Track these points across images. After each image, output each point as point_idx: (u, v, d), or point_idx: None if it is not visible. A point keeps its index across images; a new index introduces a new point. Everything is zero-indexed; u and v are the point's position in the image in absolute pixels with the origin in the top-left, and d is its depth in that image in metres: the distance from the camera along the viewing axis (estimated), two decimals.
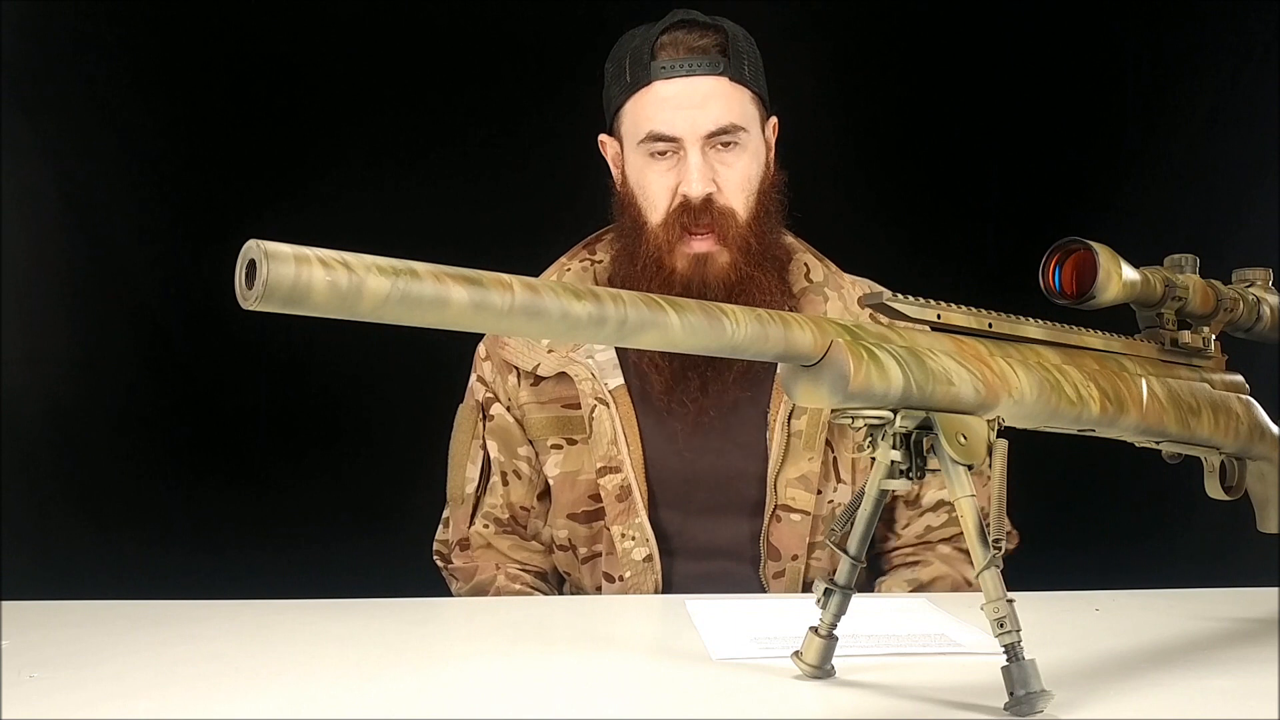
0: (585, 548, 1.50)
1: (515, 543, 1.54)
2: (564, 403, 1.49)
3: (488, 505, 1.53)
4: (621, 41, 1.49)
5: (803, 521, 1.44)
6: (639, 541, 1.44)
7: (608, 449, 1.45)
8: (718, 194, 1.42)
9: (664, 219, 1.44)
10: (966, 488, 0.82)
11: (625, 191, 1.49)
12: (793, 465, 1.45)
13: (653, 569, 1.45)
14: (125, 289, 2.27)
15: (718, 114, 1.41)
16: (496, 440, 1.53)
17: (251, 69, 2.27)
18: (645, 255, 1.45)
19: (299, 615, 1.23)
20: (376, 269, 0.60)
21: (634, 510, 1.44)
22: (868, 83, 2.31)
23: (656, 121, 1.42)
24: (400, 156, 2.30)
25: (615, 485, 1.45)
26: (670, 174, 1.43)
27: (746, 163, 1.45)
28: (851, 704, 0.87)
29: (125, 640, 1.10)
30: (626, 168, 1.49)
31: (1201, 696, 0.89)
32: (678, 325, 0.71)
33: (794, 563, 1.45)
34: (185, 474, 2.26)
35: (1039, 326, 0.95)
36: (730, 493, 1.48)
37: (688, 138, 1.41)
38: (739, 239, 1.44)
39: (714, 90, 1.41)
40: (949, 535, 1.51)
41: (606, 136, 1.53)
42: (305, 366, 2.22)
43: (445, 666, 1.01)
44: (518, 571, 1.52)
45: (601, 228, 1.59)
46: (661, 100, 1.42)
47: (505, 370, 1.53)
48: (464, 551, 1.54)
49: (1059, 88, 2.33)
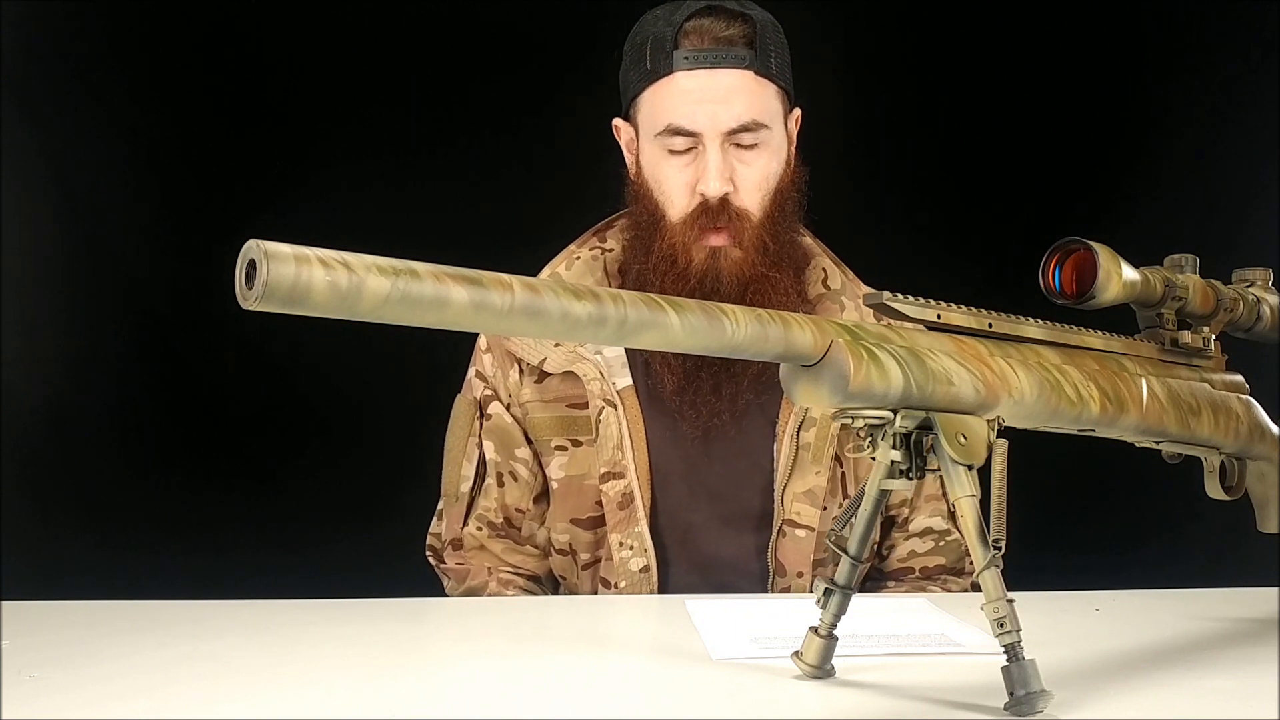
0: (587, 553, 1.46)
1: (509, 546, 1.51)
2: (569, 402, 1.45)
3: (481, 508, 1.50)
4: (642, 22, 1.42)
5: (808, 538, 1.41)
6: (637, 551, 1.41)
7: (613, 454, 1.41)
8: (734, 194, 1.38)
9: (683, 218, 1.39)
10: (967, 488, 0.82)
11: (639, 181, 1.44)
12: (799, 479, 1.41)
13: (649, 580, 1.42)
14: (125, 289, 2.27)
15: (740, 110, 1.36)
16: (493, 440, 1.49)
17: (252, 69, 2.27)
18: (661, 250, 1.40)
19: (298, 615, 1.23)
20: (376, 269, 0.60)
21: (634, 519, 1.41)
22: (867, 82, 2.31)
23: (676, 115, 1.36)
24: (401, 156, 2.30)
25: (618, 492, 1.41)
26: (688, 170, 1.38)
27: (766, 161, 1.40)
28: (851, 704, 0.87)
29: (125, 640, 1.10)
30: (641, 157, 1.44)
31: (1201, 696, 0.89)
32: (678, 325, 0.71)
33: (799, 580, 1.42)
34: (185, 474, 2.26)
35: (1039, 326, 0.95)
36: (736, 504, 1.45)
37: (708, 133, 1.36)
38: (754, 239, 1.39)
39: (738, 85, 1.36)
40: (931, 566, 1.50)
41: (621, 121, 1.48)
42: (305, 366, 2.21)
43: (445, 667, 1.01)
44: (510, 576, 1.50)
45: (610, 214, 1.55)
46: (683, 93, 1.36)
47: (507, 364, 1.48)
48: (457, 551, 1.52)
49: (1059, 88, 2.33)
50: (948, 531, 1.50)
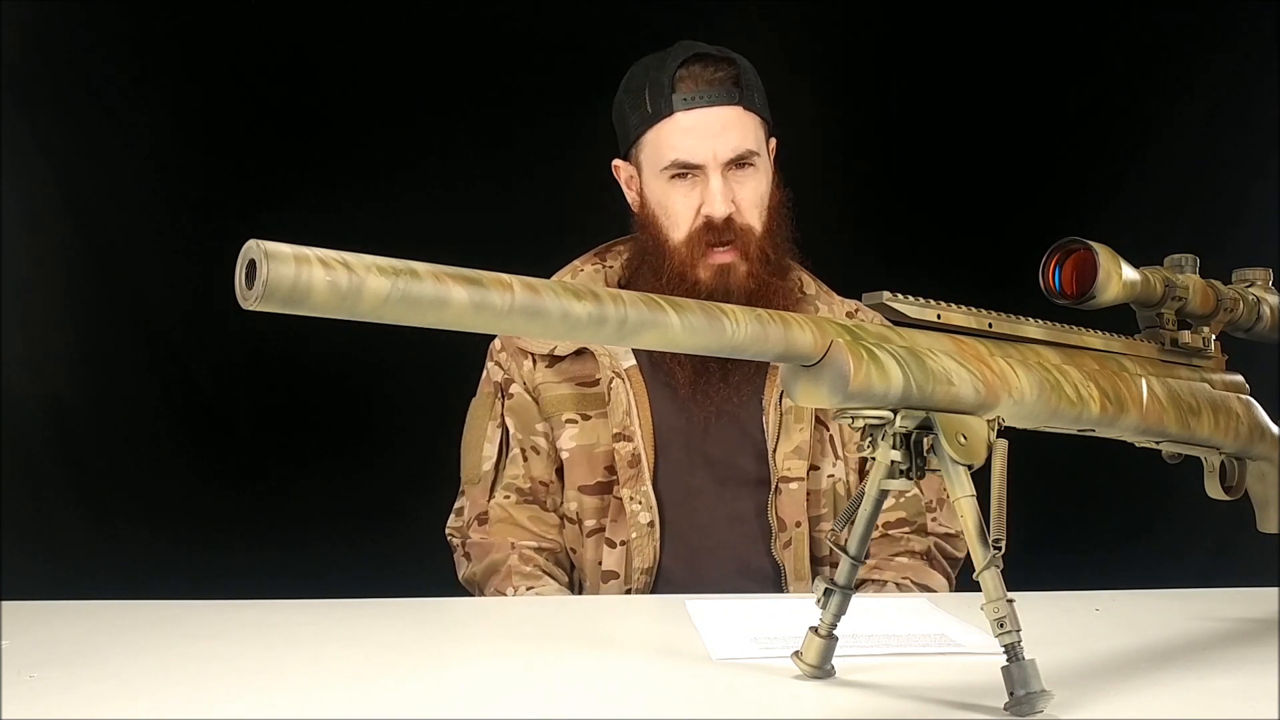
0: (593, 520, 1.56)
1: (534, 514, 1.58)
2: (580, 380, 1.58)
3: (509, 477, 1.59)
4: (633, 73, 1.57)
5: (799, 488, 1.53)
6: (644, 507, 1.53)
7: (622, 419, 1.55)
8: (736, 214, 1.52)
9: (687, 236, 1.53)
10: (967, 488, 0.82)
11: (646, 214, 1.58)
12: (787, 439, 1.55)
13: (653, 535, 1.53)
14: (125, 289, 2.27)
15: (736, 141, 1.51)
16: (515, 418, 1.60)
17: (252, 69, 2.28)
18: (670, 270, 1.54)
19: (299, 615, 1.23)
20: (376, 269, 0.60)
21: (641, 478, 1.54)
22: (867, 82, 2.31)
23: (680, 150, 1.51)
24: (400, 158, 2.30)
25: (628, 452, 1.54)
26: (693, 195, 1.53)
27: (759, 182, 1.55)
28: (851, 704, 0.87)
29: (125, 640, 1.10)
30: (646, 191, 1.57)
31: (1201, 696, 0.89)
32: (678, 325, 0.71)
33: (798, 529, 1.52)
34: (185, 474, 2.26)
35: (1039, 326, 0.95)
36: (731, 469, 1.56)
37: (709, 164, 1.51)
38: (758, 251, 1.54)
39: (731, 119, 1.51)
40: (893, 520, 1.57)
41: (620, 161, 1.61)
42: (306, 367, 2.21)
43: (446, 667, 1.01)
44: (531, 552, 1.55)
45: (614, 238, 1.66)
46: (684, 130, 1.51)
47: (520, 356, 1.60)
48: (482, 526, 1.57)
49: (1059, 87, 2.33)
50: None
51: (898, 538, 1.57)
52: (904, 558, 1.56)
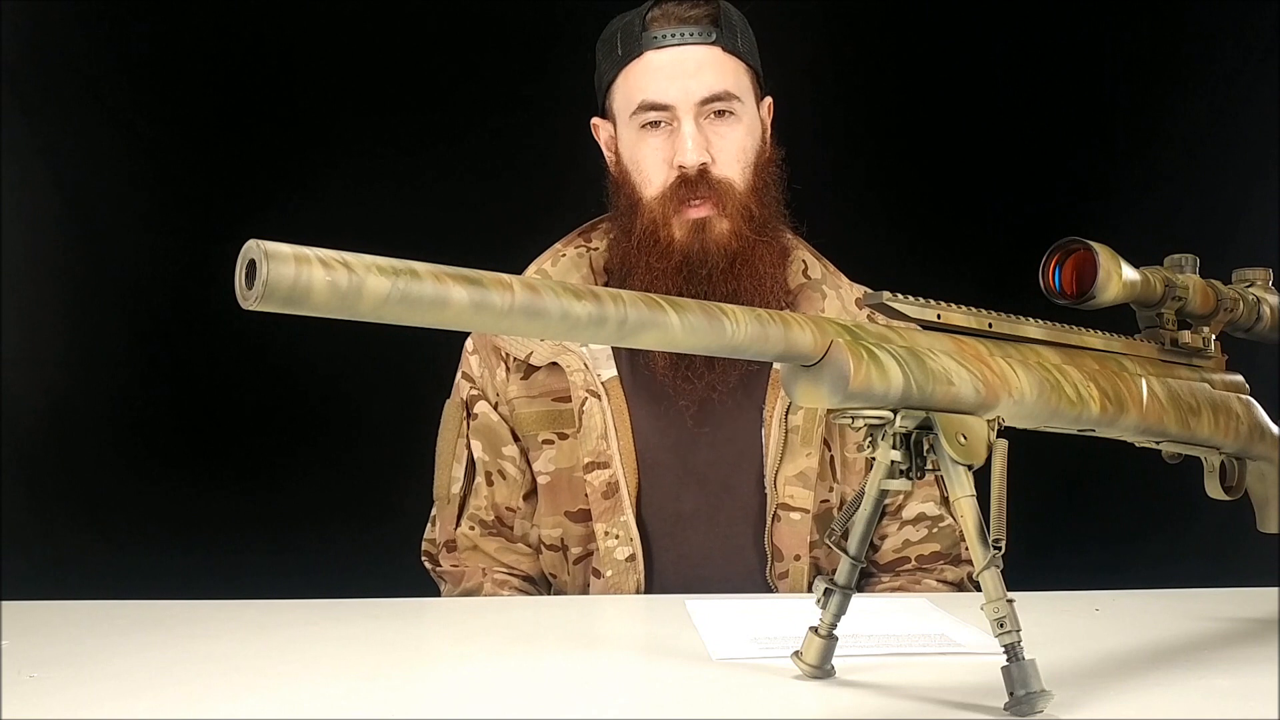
0: (579, 547, 1.46)
1: (502, 545, 1.51)
2: (554, 395, 1.46)
3: (473, 507, 1.50)
4: (611, 24, 1.48)
5: (802, 521, 1.42)
6: (622, 540, 1.42)
7: (596, 444, 1.43)
8: (713, 165, 1.41)
9: (660, 192, 1.42)
10: (967, 488, 0.82)
11: (619, 171, 1.48)
12: (790, 462, 1.43)
13: (635, 569, 1.42)
14: (125, 289, 2.27)
15: (711, 81, 1.40)
16: (481, 440, 1.50)
17: (250, 69, 2.27)
18: (641, 229, 1.43)
19: (297, 615, 1.23)
20: (376, 269, 0.60)
21: (620, 508, 1.42)
22: (867, 82, 2.31)
23: (649, 90, 1.41)
24: (399, 155, 2.29)
25: (602, 481, 1.43)
26: (665, 145, 1.42)
27: (741, 134, 1.43)
28: (851, 704, 0.87)
29: (125, 640, 1.10)
30: (620, 145, 1.47)
31: (1201, 696, 0.89)
32: (678, 325, 0.71)
33: (796, 563, 1.43)
34: (185, 474, 2.26)
35: (1039, 326, 0.95)
36: (725, 493, 1.46)
37: (680, 105, 1.40)
38: (740, 206, 1.42)
39: (706, 58, 1.41)
40: (927, 554, 1.49)
41: (599, 120, 1.52)
42: (305, 367, 2.21)
43: (444, 667, 1.01)
44: (505, 577, 1.50)
45: (595, 217, 1.58)
46: (654, 69, 1.41)
47: (494, 361, 1.50)
48: (451, 553, 1.52)
49: (1059, 87, 2.33)
50: (941, 518, 1.50)
51: (931, 569, 1.49)
52: (934, 582, 1.49)
